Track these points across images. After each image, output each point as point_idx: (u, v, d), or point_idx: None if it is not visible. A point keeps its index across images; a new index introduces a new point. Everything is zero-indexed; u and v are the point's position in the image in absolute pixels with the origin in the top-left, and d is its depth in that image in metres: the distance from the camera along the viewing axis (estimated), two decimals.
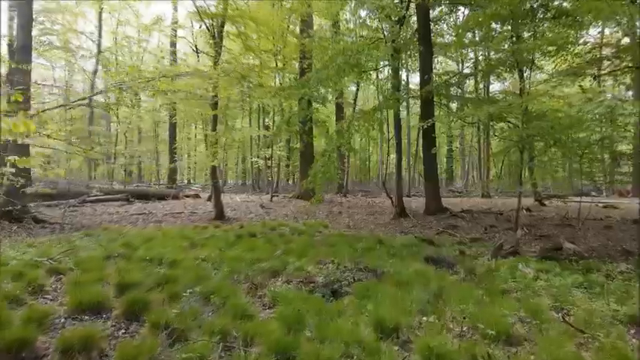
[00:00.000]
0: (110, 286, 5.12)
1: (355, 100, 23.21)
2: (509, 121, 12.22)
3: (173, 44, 26.00)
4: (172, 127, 26.37)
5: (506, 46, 12.64)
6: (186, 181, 37.53)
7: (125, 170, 26.40)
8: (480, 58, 16.02)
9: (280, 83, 16.46)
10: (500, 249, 6.91)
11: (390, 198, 16.75)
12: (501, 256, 6.83)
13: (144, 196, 16.83)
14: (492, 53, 12.75)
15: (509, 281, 5.52)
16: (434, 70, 13.48)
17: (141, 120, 28.50)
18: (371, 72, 13.18)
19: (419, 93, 11.72)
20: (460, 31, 13.11)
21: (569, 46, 10.24)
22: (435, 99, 12.18)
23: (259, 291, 5.13)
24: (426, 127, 11.28)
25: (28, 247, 7.48)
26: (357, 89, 23.15)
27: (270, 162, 21.47)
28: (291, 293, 4.85)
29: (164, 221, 11.91)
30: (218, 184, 12.88)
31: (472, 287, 5.26)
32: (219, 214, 12.61)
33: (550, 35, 9.08)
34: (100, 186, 21.99)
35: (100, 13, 19.43)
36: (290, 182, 34.35)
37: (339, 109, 24.51)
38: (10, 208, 9.41)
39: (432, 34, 12.38)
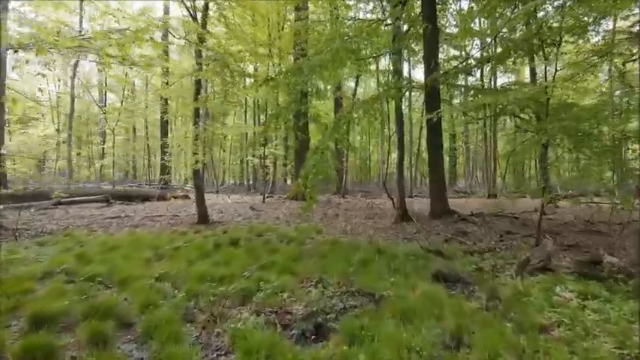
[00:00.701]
0: (21, 320, 3.89)
1: (354, 95, 21.93)
2: (517, 116, 11.03)
3: (165, 36, 24.79)
4: (164, 125, 25.16)
5: (519, 32, 11.46)
6: (182, 181, 36.32)
7: (112, 169, 25.22)
8: (491, 43, 14.73)
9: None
10: (526, 264, 5.65)
11: (392, 199, 15.50)
12: (528, 272, 5.58)
13: (126, 197, 15.61)
14: (505, 35, 11.45)
15: (546, 310, 4.27)
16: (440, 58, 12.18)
17: (132, 115, 27.29)
18: (370, 61, 11.91)
19: (423, 83, 10.43)
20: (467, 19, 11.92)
21: (595, 27, 8.98)
22: (441, 89, 10.91)
23: (218, 325, 3.89)
24: (432, 120, 10.02)
25: None
26: (357, 83, 21.90)
27: (264, 161, 20.22)
28: (257, 332, 3.61)
29: (141, 225, 10.69)
30: (201, 184, 11.65)
31: (498, 319, 4.03)
32: (203, 218, 11.39)
33: (580, 10, 7.83)
34: (81, 186, 20.81)
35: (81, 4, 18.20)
36: (288, 182, 33.13)
37: (338, 104, 23.28)
38: None
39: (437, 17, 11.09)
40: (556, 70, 8.16)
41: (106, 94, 28.21)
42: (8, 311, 4.10)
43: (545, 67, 8.07)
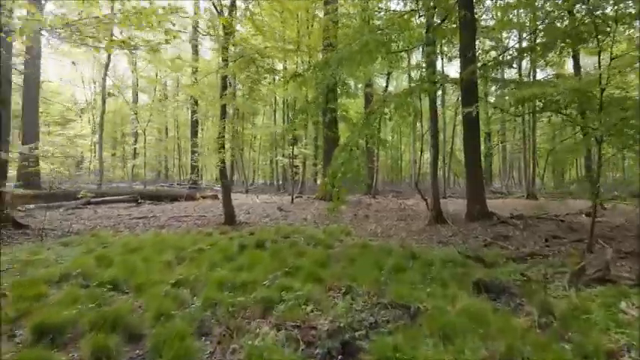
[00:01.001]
0: (24, 330, 3.63)
1: (385, 91, 21.29)
2: (561, 112, 10.22)
3: (195, 38, 24.89)
4: (194, 125, 25.28)
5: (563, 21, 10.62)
6: (212, 181, 36.57)
7: (143, 169, 25.54)
8: (530, 35, 13.83)
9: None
10: (581, 274, 5.03)
11: (425, 200, 14.87)
12: (583, 283, 4.96)
13: (155, 197, 15.60)
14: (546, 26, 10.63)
15: (612, 330, 3.68)
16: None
17: (163, 115, 27.60)
18: (402, 56, 11.36)
19: (459, 77, 9.78)
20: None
21: None
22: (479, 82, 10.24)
23: (235, 340, 3.51)
24: (470, 115, 9.40)
25: None
26: (388, 80, 21.27)
27: (294, 160, 19.92)
28: (277, 350, 3.21)
29: (166, 226, 10.53)
30: (228, 184, 11.42)
31: (554, 340, 3.48)
32: (229, 219, 11.14)
33: None
34: (114, 185, 21.08)
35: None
36: (318, 182, 32.77)
37: (368, 102, 22.73)
38: None
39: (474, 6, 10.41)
40: (612, 59, 7.35)
41: (137, 95, 28.66)
42: (16, 319, 3.86)
43: (599, 55, 7.30)
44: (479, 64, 9.75)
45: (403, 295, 4.58)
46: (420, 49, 12.43)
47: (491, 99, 14.42)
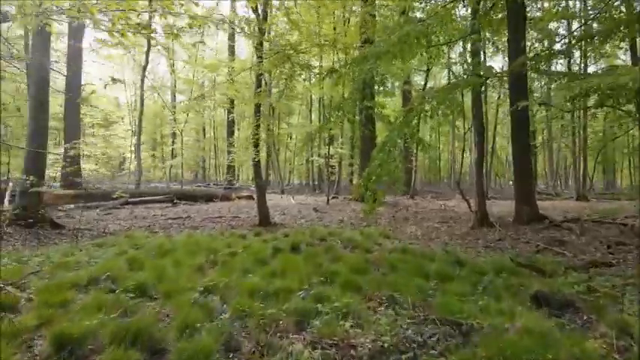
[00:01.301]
0: (43, 341, 3.40)
1: (424, 88, 20.52)
2: (616, 107, 9.34)
3: (232, 36, 25.01)
4: (230, 125, 25.39)
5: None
6: (249, 181, 36.76)
7: (181, 170, 25.85)
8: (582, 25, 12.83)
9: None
10: None
11: (467, 201, 14.14)
12: None
13: (191, 198, 15.62)
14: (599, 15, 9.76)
15: None
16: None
17: (200, 116, 27.91)
18: (443, 48, 10.73)
19: (507, 70, 9.09)
20: None
21: None
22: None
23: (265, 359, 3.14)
24: (518, 112, 8.73)
25: (16, 261, 6.10)
26: (426, 77, 20.49)
27: (330, 160, 19.53)
28: None
29: (200, 227, 10.39)
30: (262, 184, 11.18)
31: None
32: (264, 220, 10.88)
33: None
34: (153, 186, 21.40)
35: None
36: (354, 182, 32.26)
37: (406, 99, 22.07)
38: (25, 211, 8.26)
39: None
40: None
41: (175, 96, 29.11)
42: (37, 327, 3.65)
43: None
44: (534, 54, 9.00)
45: (453, 308, 4.09)
46: (461, 44, 11.75)
47: (537, 94, 13.50)
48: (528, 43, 14.75)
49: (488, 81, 13.61)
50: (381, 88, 9.00)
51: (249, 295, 4.60)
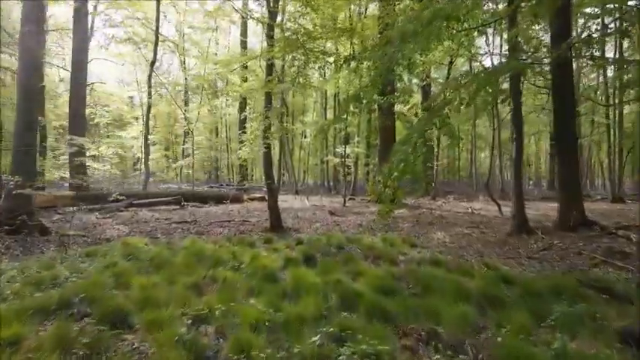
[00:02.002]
0: None
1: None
2: None
3: (244, 32, 24.24)
4: (242, 123, 24.57)
5: None
6: (262, 182, 35.91)
7: (191, 170, 25.15)
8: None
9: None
10: None
11: (497, 204, 13.05)
12: None
13: (200, 199, 14.77)
14: None
15: None
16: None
17: (213, 114, 27.18)
18: (474, 33, 9.63)
19: (552, 54, 7.96)
20: None
21: None
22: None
23: None
24: (561, 103, 7.61)
25: None
26: (450, 67, 19.26)
27: (346, 160, 18.52)
28: None
29: (206, 232, 9.50)
30: (274, 185, 10.24)
31: None
32: (275, 224, 9.96)
33: None
34: (164, 186, 20.66)
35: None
36: (370, 182, 31.16)
37: (426, 97, 20.90)
38: (12, 216, 7.45)
39: None
40: None
41: (187, 94, 28.45)
42: None
43: None
44: (583, 37, 7.87)
45: (519, 353, 3.07)
46: (492, 30, 10.60)
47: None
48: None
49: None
50: (403, 81, 7.93)
51: (251, 328, 3.66)
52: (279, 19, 8.62)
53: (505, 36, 13.45)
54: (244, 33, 24.54)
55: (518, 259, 6.98)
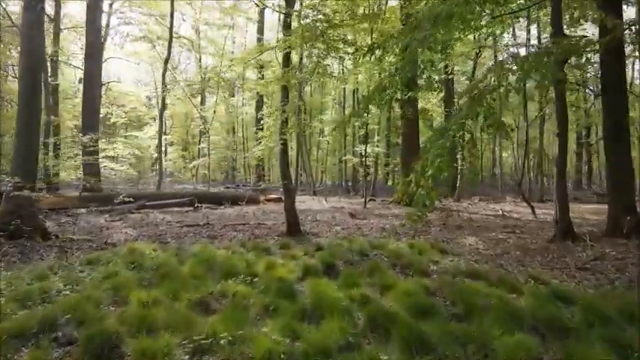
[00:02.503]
0: None
1: (472, 77, 18.34)
2: None
3: (261, 30, 23.74)
4: (258, 122, 24.08)
5: None
6: (279, 182, 35.33)
7: (207, 170, 24.77)
8: None
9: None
10: None
11: (530, 206, 12.18)
12: None
13: (215, 200, 14.23)
14: None
15: None
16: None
17: (229, 113, 26.78)
18: (509, 20, 8.83)
19: (604, 39, 7.10)
20: None
21: None
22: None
23: None
24: (612, 94, 6.75)
25: None
26: (475, 66, 18.36)
27: (365, 159, 17.80)
28: None
29: (219, 236, 8.90)
30: (291, 186, 9.61)
31: None
32: (293, 228, 9.29)
33: None
34: (180, 187, 20.26)
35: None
36: (389, 183, 30.35)
37: (450, 95, 19.95)
38: (11, 219, 6.97)
39: None
40: None
41: (203, 92, 28.10)
42: None
43: None
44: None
45: None
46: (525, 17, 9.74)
47: None
48: None
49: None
50: (429, 73, 7.15)
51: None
52: (296, 6, 7.96)
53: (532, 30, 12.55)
54: (261, 30, 24.07)
55: (566, 270, 6.17)
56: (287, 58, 8.05)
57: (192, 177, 31.00)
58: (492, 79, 5.11)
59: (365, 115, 10.15)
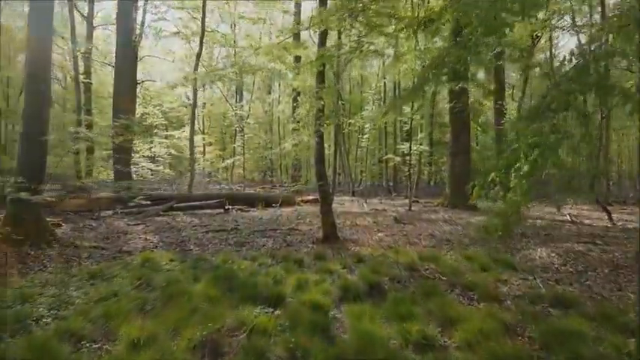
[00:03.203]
0: None
1: (526, 68, 16.44)
2: None
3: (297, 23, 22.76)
4: (295, 120, 23.15)
5: None
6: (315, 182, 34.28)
7: (242, 170, 24.12)
8: None
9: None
10: None
11: (607, 211, 10.55)
12: None
13: (247, 202, 13.34)
14: None
15: None
16: None
17: (264, 110, 26.05)
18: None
19: None
20: None
21: None
22: None
23: None
24: None
25: None
26: (534, 43, 16.42)
27: (410, 158, 16.43)
28: None
29: (247, 243, 7.92)
30: (327, 188, 8.52)
31: None
32: (329, 234, 8.21)
33: None
34: (218, 187, 19.63)
35: None
36: (431, 184, 28.68)
37: (502, 87, 18.17)
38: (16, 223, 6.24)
39: None
40: None
41: (237, 92, 27.52)
42: None
43: None
44: None
45: None
46: None
47: None
48: None
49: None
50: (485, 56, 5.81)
51: None
52: None
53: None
54: (297, 23, 23.09)
55: None
56: (323, 37, 6.95)
57: (228, 177, 30.55)
58: (606, 37, 3.71)
59: (422, 93, 8.74)
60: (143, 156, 18.25)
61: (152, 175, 19.65)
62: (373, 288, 5.11)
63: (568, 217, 11.36)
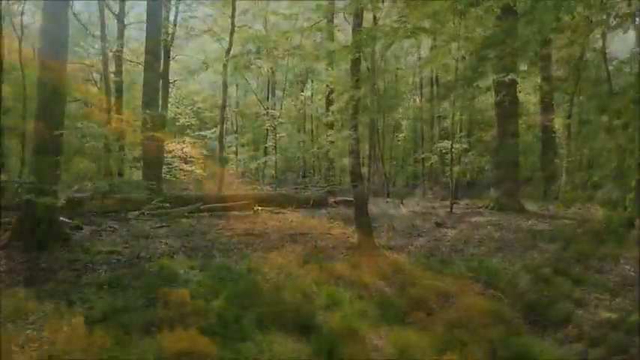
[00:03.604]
0: None
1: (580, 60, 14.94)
2: None
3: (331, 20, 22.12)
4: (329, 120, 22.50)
5: None
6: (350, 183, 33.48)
7: (274, 170, 23.62)
8: None
9: None
10: None
11: None
12: None
13: (278, 203, 12.69)
14: None
15: None
16: None
17: (297, 109, 25.52)
18: None
19: None
20: None
21: None
22: None
23: None
24: None
25: None
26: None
27: (452, 157, 15.41)
28: None
29: (275, 249, 7.25)
30: (361, 189, 7.76)
31: None
32: (364, 240, 7.42)
33: None
34: (251, 188, 19.17)
35: None
36: (471, 184, 27.32)
37: (547, 79, 16.80)
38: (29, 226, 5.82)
39: None
40: None
41: (269, 90, 27.02)
42: None
43: None
44: None
45: None
46: None
47: None
48: None
49: None
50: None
51: None
52: None
53: None
54: (331, 20, 22.41)
55: None
56: (358, 17, 6.19)
57: (259, 178, 30.19)
58: None
59: (479, 76, 7.83)
60: (175, 156, 18.01)
61: (184, 175, 19.43)
62: (417, 308, 4.33)
63: None
